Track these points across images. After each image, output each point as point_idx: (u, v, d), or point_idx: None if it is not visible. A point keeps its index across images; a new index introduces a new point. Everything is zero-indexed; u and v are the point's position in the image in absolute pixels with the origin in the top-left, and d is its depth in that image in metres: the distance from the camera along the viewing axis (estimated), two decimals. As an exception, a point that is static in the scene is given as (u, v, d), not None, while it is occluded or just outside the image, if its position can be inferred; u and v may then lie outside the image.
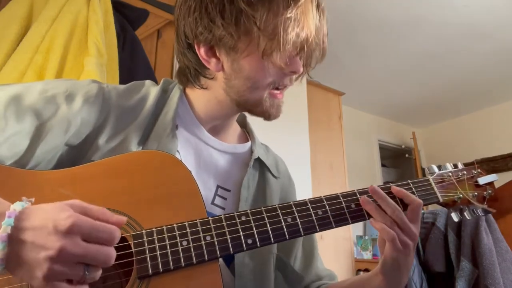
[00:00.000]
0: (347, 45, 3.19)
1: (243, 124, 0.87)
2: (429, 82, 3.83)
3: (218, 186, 0.73)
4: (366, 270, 3.25)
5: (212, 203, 0.71)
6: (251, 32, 0.63)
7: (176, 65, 1.83)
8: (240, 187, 0.75)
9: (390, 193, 0.68)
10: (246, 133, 0.86)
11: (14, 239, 0.42)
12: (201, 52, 0.67)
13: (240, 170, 0.77)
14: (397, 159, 5.03)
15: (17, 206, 0.44)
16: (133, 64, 1.44)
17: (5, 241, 0.42)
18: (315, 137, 2.76)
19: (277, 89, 0.70)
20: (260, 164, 0.81)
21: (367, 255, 3.47)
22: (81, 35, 1.26)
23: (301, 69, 0.69)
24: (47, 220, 0.43)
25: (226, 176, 0.75)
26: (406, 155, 4.73)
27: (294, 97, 2.51)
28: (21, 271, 0.43)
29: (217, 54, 0.67)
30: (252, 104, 0.70)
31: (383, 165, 4.65)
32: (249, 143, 0.82)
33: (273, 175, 0.82)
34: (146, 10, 1.59)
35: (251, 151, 0.81)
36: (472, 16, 2.82)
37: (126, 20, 1.49)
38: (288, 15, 0.62)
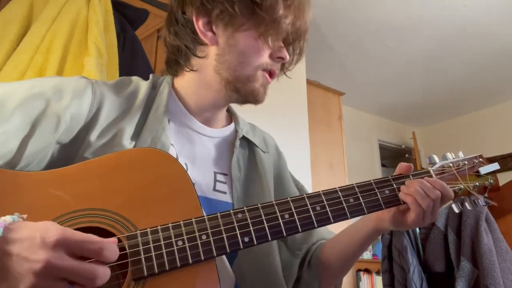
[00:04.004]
0: (347, 46, 3.19)
1: (227, 108, 0.87)
2: (429, 82, 3.83)
3: (215, 172, 0.73)
4: (366, 270, 3.24)
5: (214, 189, 0.71)
6: (252, 11, 0.67)
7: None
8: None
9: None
10: (231, 116, 0.86)
11: (0, 250, 0.41)
12: (199, 24, 0.69)
13: (229, 152, 0.78)
14: (397, 159, 5.01)
15: (7, 218, 0.43)
16: (133, 64, 1.44)
17: None
18: (315, 137, 2.75)
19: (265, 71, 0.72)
20: (248, 143, 0.81)
21: (367, 255, 3.47)
22: (81, 35, 1.26)
23: (288, 57, 0.73)
24: (35, 233, 0.42)
25: (219, 160, 0.75)
26: (406, 155, 4.72)
27: (294, 97, 2.52)
28: (4, 284, 0.41)
29: (214, 28, 0.69)
30: (243, 80, 0.70)
31: (383, 165, 4.64)
32: (233, 124, 0.82)
33: (262, 151, 0.82)
34: (146, 10, 1.59)
35: (235, 131, 0.81)
36: (471, 16, 2.82)
37: (126, 20, 1.49)
38: (289, 3, 0.67)
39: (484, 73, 3.64)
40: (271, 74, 0.73)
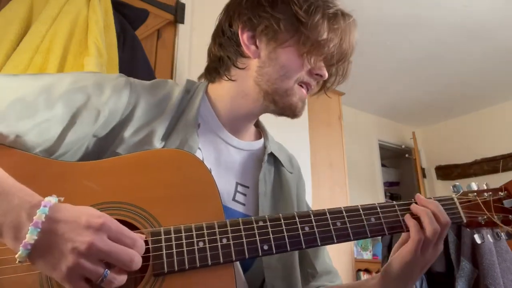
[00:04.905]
0: (347, 45, 3.19)
1: (256, 123, 0.89)
2: (429, 82, 3.83)
3: (237, 183, 0.75)
4: (366, 270, 3.24)
5: (233, 199, 0.73)
6: (296, 29, 0.69)
7: (176, 65, 1.83)
8: (257, 182, 0.76)
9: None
10: (260, 131, 0.88)
11: (46, 228, 0.44)
12: (244, 37, 0.72)
13: (256, 166, 0.79)
14: (397, 159, 5.03)
15: (52, 198, 0.47)
16: (133, 64, 1.44)
17: (39, 228, 0.43)
18: (315, 137, 2.75)
19: (301, 85, 0.74)
20: (275, 160, 0.82)
21: (367, 255, 3.47)
22: (81, 35, 1.26)
23: (327, 76, 0.75)
24: (81, 215, 0.46)
25: (243, 172, 0.77)
26: (406, 155, 4.73)
27: (294, 97, 2.51)
28: (44, 261, 0.44)
29: (257, 42, 0.72)
30: (281, 93, 0.72)
31: (383, 165, 4.65)
32: (262, 140, 0.84)
33: (287, 170, 0.83)
34: (146, 10, 1.59)
35: (264, 147, 0.83)
36: (472, 16, 2.82)
37: (126, 20, 1.49)
38: (336, 27, 0.70)
39: (484, 73, 3.64)
40: (307, 88, 0.75)
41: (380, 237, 1.69)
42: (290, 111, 0.74)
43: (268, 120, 0.78)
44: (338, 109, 3.23)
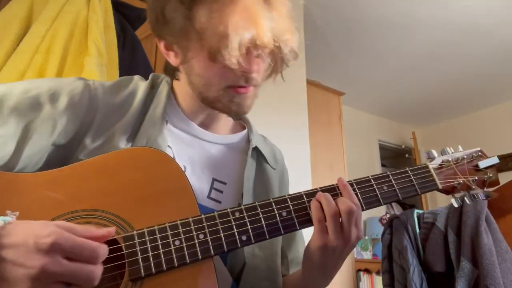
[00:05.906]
0: (347, 45, 3.19)
1: (239, 116, 0.85)
2: (429, 82, 3.83)
3: (213, 179, 0.72)
4: (366, 270, 3.24)
5: (208, 196, 0.70)
6: (192, 34, 0.60)
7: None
8: (237, 178, 0.73)
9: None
10: (243, 124, 0.84)
11: None
12: (161, 45, 0.67)
13: (236, 160, 0.76)
14: (397, 159, 5.02)
15: (0, 220, 0.43)
16: (133, 64, 1.44)
17: None
18: (315, 137, 2.75)
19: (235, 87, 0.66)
20: (258, 154, 0.79)
21: (367, 255, 3.48)
22: (81, 35, 1.26)
23: (254, 69, 0.63)
24: (28, 237, 0.42)
25: (220, 168, 0.73)
26: (406, 155, 4.72)
27: (294, 97, 2.51)
28: None
29: (175, 49, 0.66)
30: (211, 100, 0.67)
31: (383, 165, 4.64)
32: (243, 132, 0.80)
33: (270, 166, 0.80)
34: (146, 10, 1.59)
35: (248, 140, 0.79)
36: (472, 16, 2.82)
37: (126, 20, 1.49)
38: (229, 13, 0.57)
39: (484, 73, 3.64)
40: (241, 89, 0.65)
41: (380, 237, 1.69)
42: (228, 113, 0.70)
43: (268, 120, 0.77)
44: (338, 109, 3.23)
